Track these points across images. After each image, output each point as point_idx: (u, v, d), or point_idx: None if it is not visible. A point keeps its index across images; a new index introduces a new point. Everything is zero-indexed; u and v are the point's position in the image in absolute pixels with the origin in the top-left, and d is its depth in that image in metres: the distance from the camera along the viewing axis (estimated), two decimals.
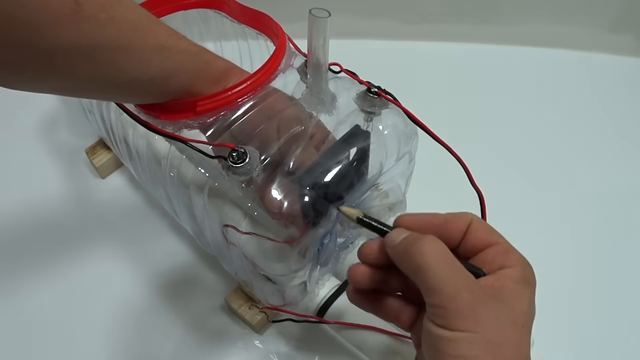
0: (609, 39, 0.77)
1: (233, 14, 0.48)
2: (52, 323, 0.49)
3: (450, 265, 0.26)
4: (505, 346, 0.25)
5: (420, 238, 0.27)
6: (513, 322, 0.26)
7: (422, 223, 0.29)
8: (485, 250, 0.29)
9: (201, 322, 0.49)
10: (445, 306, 0.25)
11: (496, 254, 0.28)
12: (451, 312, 0.25)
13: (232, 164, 0.32)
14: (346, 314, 0.43)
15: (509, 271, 0.27)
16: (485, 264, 0.28)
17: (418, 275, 0.26)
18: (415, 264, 0.26)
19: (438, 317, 0.26)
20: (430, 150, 0.38)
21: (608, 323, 0.50)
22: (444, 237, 0.29)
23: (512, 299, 0.27)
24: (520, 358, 0.26)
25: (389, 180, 0.42)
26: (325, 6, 0.30)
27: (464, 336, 0.25)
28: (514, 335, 0.26)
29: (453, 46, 0.77)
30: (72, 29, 0.26)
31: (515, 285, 0.27)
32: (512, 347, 0.25)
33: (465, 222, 0.29)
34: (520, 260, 0.28)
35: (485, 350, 0.24)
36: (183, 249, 0.54)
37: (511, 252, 0.29)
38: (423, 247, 0.27)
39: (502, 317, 0.26)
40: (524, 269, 0.28)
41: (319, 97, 0.37)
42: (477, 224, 0.29)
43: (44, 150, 0.63)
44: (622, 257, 0.55)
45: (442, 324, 0.25)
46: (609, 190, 0.61)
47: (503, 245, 0.29)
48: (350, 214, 0.31)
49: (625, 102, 0.72)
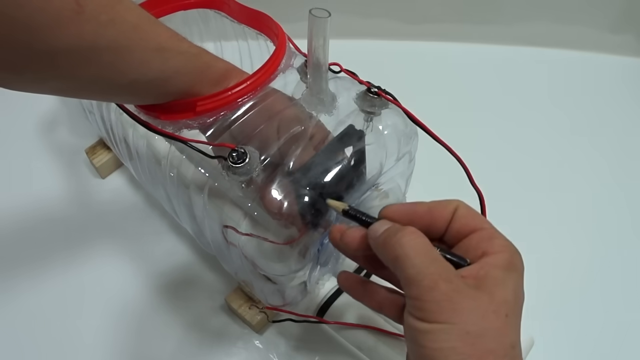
0: (609, 39, 0.77)
1: (233, 14, 0.48)
2: (52, 323, 0.49)
3: (428, 257, 0.26)
4: (486, 337, 0.25)
5: (400, 230, 0.27)
6: (494, 312, 0.25)
7: (406, 213, 0.29)
8: (470, 236, 0.28)
9: (201, 322, 0.49)
10: (422, 298, 0.25)
11: (480, 240, 0.28)
12: (428, 303, 0.25)
13: (232, 164, 0.32)
14: (346, 314, 0.43)
15: (492, 258, 0.27)
16: (469, 250, 0.28)
17: (397, 266, 0.27)
18: (394, 256, 0.27)
19: (416, 310, 0.25)
20: (430, 150, 0.38)
21: (609, 323, 0.50)
22: (429, 226, 0.29)
23: (494, 288, 0.26)
24: (504, 349, 0.25)
25: (389, 180, 0.42)
26: (325, 6, 0.30)
27: (442, 328, 0.24)
28: (496, 325, 0.25)
29: (453, 46, 0.77)
30: (73, 30, 0.26)
31: (499, 273, 0.26)
32: (493, 338, 0.25)
33: (450, 209, 0.29)
34: (505, 245, 0.28)
35: (464, 342, 0.24)
36: (183, 249, 0.54)
37: (496, 237, 0.28)
38: (402, 239, 0.27)
39: (482, 307, 0.25)
40: (510, 254, 0.27)
41: (319, 97, 0.37)
42: (462, 210, 0.29)
43: (44, 150, 0.63)
44: (622, 257, 0.55)
45: (420, 316, 0.25)
46: (609, 190, 0.61)
47: (487, 230, 0.28)
48: (336, 206, 0.32)
49: (625, 102, 0.72)
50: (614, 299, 0.52)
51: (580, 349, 0.49)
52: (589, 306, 0.51)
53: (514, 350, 0.25)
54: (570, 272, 0.54)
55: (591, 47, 0.77)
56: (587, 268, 0.54)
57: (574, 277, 0.53)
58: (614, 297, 0.52)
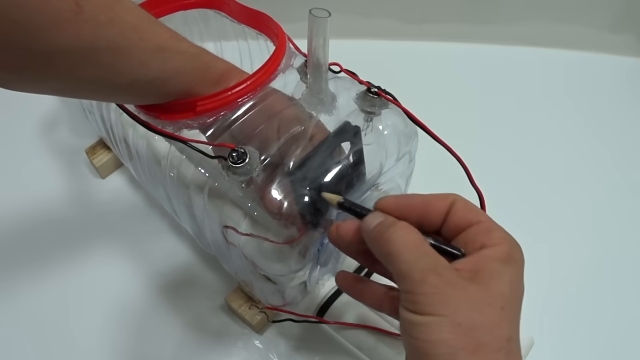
0: (609, 39, 0.77)
1: (233, 14, 0.48)
2: (52, 323, 0.49)
3: (419, 251, 0.26)
4: (479, 329, 0.24)
5: (393, 224, 0.27)
6: (489, 305, 0.25)
7: (400, 205, 0.29)
8: (468, 229, 0.28)
9: (201, 322, 0.49)
10: (414, 291, 0.25)
11: (477, 233, 0.28)
12: (419, 296, 0.25)
13: (232, 164, 0.32)
14: (346, 314, 0.43)
15: (489, 250, 0.27)
16: (467, 243, 0.28)
17: (389, 261, 0.27)
18: (386, 251, 0.27)
19: (409, 303, 0.25)
20: (430, 150, 0.38)
21: (608, 323, 0.50)
22: (424, 218, 0.29)
23: (490, 280, 0.26)
24: (498, 342, 0.25)
25: (389, 180, 0.42)
26: (325, 6, 0.30)
27: (433, 320, 0.24)
28: (490, 318, 0.25)
29: (453, 46, 0.77)
30: (72, 31, 0.26)
31: (495, 265, 0.26)
32: (487, 331, 0.24)
33: (447, 203, 0.29)
34: (503, 238, 0.28)
35: (456, 334, 0.24)
36: (183, 249, 0.54)
37: (494, 230, 0.28)
38: (393, 234, 0.27)
39: (476, 299, 0.25)
40: (509, 247, 0.27)
41: (319, 97, 0.37)
42: (460, 203, 0.29)
43: (44, 150, 0.63)
44: (622, 257, 0.55)
45: (413, 309, 0.25)
46: (609, 190, 0.61)
47: (485, 223, 0.28)
48: (331, 199, 0.33)
49: (625, 102, 0.72)
50: (619, 297, 0.52)
51: (581, 348, 0.49)
52: (589, 306, 0.51)
53: (510, 344, 0.25)
54: (571, 272, 0.54)
55: (591, 47, 0.77)
56: (588, 267, 0.54)
57: (574, 277, 0.53)
58: (619, 295, 0.52)
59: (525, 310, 0.27)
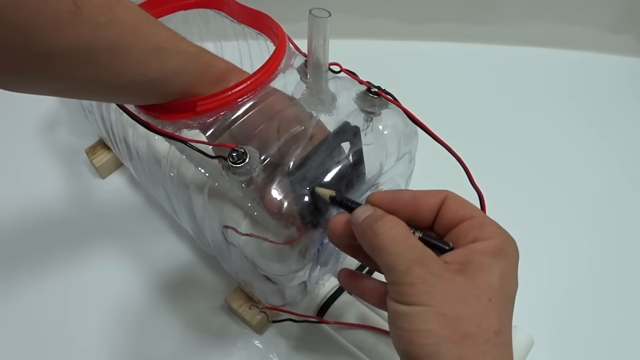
0: (609, 39, 0.77)
1: (233, 14, 0.48)
2: (52, 323, 0.49)
3: (406, 243, 0.27)
4: (465, 320, 0.24)
5: (381, 218, 0.28)
6: (476, 296, 0.25)
7: (391, 200, 0.30)
8: (460, 224, 0.28)
9: (201, 322, 0.49)
10: (399, 281, 0.25)
11: (470, 228, 0.28)
12: (405, 286, 0.25)
13: (232, 164, 0.32)
14: (346, 314, 0.43)
15: (480, 244, 0.27)
16: (459, 238, 0.28)
17: (376, 254, 0.27)
18: (373, 243, 0.27)
19: (395, 293, 0.26)
20: (430, 150, 0.38)
21: (610, 320, 0.50)
22: (414, 213, 0.29)
23: (478, 273, 0.26)
24: (485, 334, 0.24)
25: (389, 180, 0.42)
26: (325, 6, 0.30)
27: (418, 310, 0.25)
28: (477, 309, 0.25)
29: (453, 46, 0.77)
30: (70, 32, 0.26)
31: (485, 258, 0.26)
32: (473, 322, 0.24)
33: (438, 199, 0.29)
34: (496, 232, 0.28)
35: (441, 324, 0.24)
36: (183, 249, 0.54)
37: (487, 225, 0.28)
38: (382, 226, 0.27)
39: (462, 291, 0.25)
40: (501, 241, 0.27)
41: (319, 97, 0.37)
42: (451, 199, 0.29)
43: (44, 150, 0.63)
44: (622, 257, 0.55)
45: (399, 300, 0.25)
46: (609, 190, 0.61)
47: (478, 218, 0.28)
48: (324, 193, 0.33)
49: (625, 102, 0.72)
50: (621, 296, 0.52)
51: (581, 347, 0.49)
52: (589, 306, 0.51)
53: (499, 337, 0.25)
54: (572, 272, 0.54)
55: (591, 47, 0.77)
56: (588, 268, 0.54)
57: (575, 276, 0.53)
58: (621, 294, 0.52)
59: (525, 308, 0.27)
